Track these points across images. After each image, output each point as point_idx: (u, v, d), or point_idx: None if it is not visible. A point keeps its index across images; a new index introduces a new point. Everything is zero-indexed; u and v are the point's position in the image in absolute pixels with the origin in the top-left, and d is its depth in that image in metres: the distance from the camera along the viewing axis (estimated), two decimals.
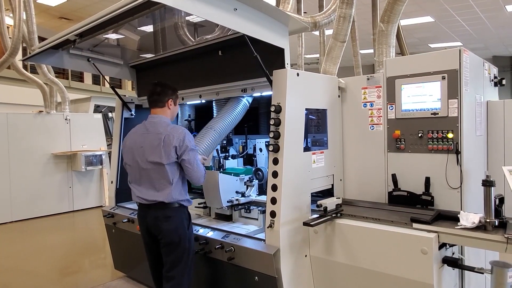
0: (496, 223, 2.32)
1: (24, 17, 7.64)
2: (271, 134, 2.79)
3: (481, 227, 2.33)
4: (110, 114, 10.65)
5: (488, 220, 2.32)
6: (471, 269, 2.53)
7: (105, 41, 3.77)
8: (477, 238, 2.30)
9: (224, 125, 3.56)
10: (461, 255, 2.78)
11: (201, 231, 3.24)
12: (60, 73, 14.61)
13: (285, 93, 2.77)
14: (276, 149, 2.77)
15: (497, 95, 3.69)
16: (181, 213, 2.89)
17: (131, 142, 2.98)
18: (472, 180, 2.86)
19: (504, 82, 3.61)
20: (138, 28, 3.74)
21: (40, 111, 8.19)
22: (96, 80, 16.25)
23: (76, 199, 8.35)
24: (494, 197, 2.35)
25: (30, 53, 3.83)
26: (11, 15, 7.78)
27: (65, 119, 8.29)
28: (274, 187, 2.77)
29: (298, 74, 2.90)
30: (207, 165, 3.66)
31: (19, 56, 8.22)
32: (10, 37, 7.72)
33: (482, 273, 2.49)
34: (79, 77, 15.70)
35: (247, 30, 2.59)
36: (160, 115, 2.96)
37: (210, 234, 3.16)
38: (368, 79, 3.24)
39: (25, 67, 10.56)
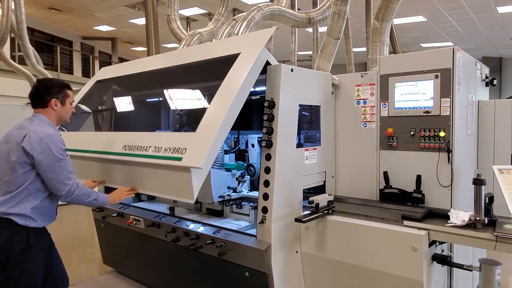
0: (486, 221, 2.34)
1: (13, 7, 7.49)
2: (264, 130, 2.77)
3: (471, 225, 2.36)
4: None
5: (478, 218, 2.34)
6: (460, 266, 2.57)
7: None
8: (467, 236, 2.32)
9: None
10: (450, 252, 2.81)
11: (192, 226, 3.21)
12: (49, 64, 14.38)
13: (279, 89, 2.76)
14: (269, 144, 2.75)
15: (488, 95, 3.72)
16: None
17: None
18: (462, 178, 2.89)
19: (495, 82, 3.64)
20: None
21: (28, 103, 8.04)
22: (85, 72, 16.03)
23: None
24: (484, 195, 2.37)
25: (18, 44, 3.73)
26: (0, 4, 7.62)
27: None
28: (266, 183, 2.75)
29: (292, 70, 2.88)
30: None
31: (7, 46, 8.06)
32: None
33: (471, 271, 2.52)
34: (69, 69, 15.46)
35: None
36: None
37: (201, 229, 3.14)
38: (362, 76, 3.24)
39: (13, 58, 10.37)
